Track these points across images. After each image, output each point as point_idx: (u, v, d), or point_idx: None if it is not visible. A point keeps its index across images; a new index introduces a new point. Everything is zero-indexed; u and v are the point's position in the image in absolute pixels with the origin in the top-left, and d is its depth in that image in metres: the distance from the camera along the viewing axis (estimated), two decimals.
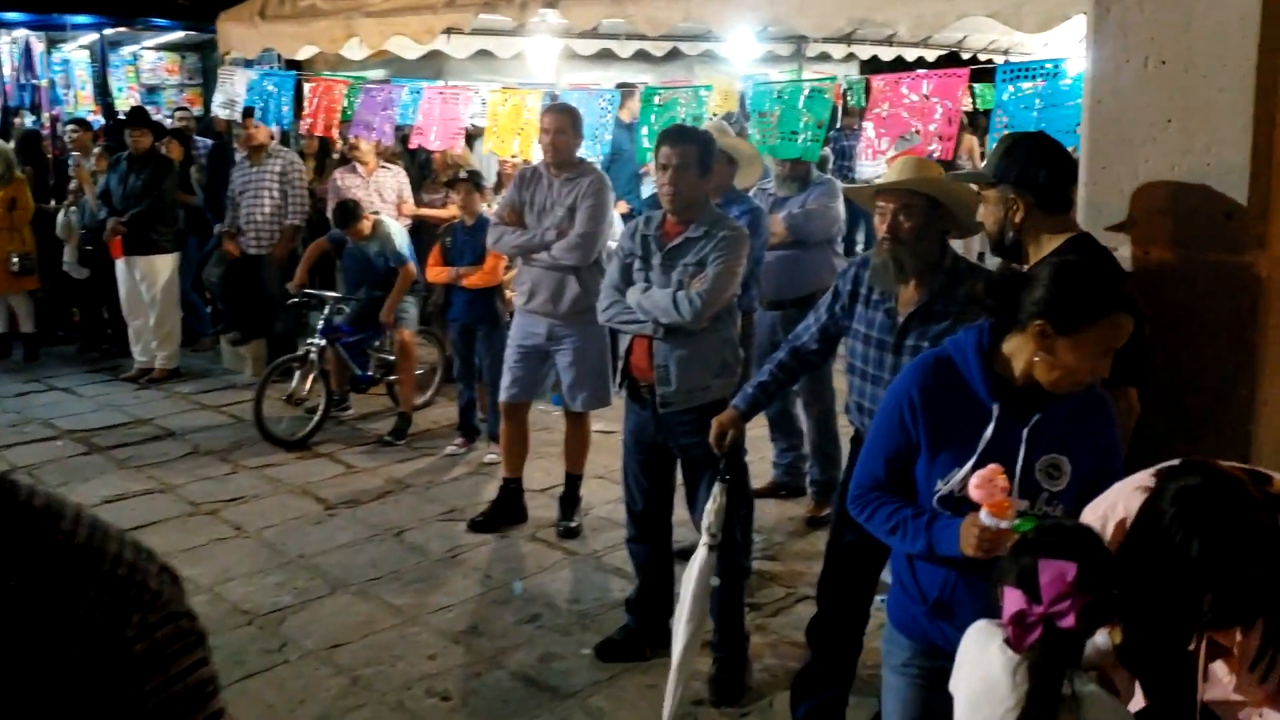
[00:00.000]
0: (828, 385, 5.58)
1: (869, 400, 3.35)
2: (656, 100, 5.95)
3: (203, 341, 9.57)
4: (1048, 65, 4.25)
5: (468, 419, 6.79)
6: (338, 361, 7.28)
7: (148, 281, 8.28)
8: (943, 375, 2.40)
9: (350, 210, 6.90)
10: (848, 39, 11.71)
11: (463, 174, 6.42)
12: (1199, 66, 2.74)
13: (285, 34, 7.59)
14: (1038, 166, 2.83)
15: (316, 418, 6.99)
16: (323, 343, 6.98)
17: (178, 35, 12.40)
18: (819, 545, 4.41)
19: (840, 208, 5.57)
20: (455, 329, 6.63)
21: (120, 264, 8.33)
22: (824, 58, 11.77)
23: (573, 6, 5.75)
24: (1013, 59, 13.42)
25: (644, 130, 5.99)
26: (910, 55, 12.21)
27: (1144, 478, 1.97)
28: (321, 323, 7.04)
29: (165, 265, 8.34)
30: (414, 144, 7.34)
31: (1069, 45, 10.01)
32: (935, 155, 4.54)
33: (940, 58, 12.84)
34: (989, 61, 13.70)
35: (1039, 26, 4.09)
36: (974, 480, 2.20)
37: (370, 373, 7.39)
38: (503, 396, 5.47)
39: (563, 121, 5.22)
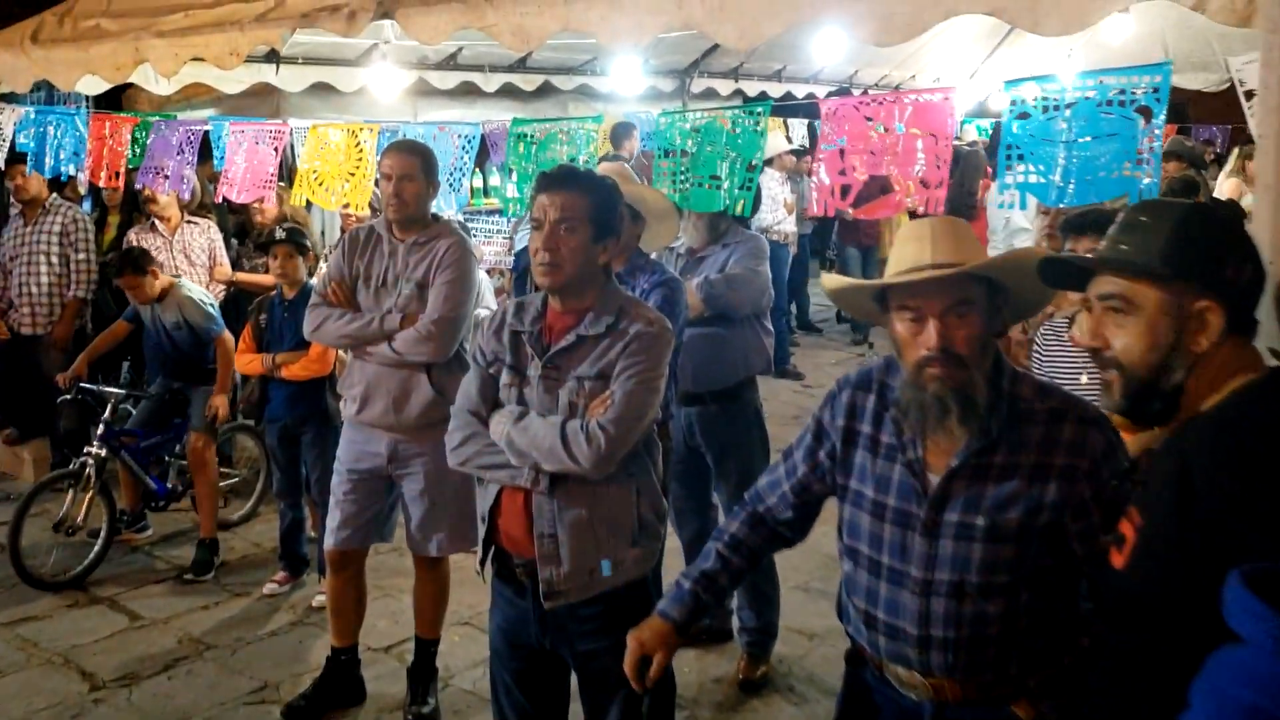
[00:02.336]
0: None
1: (884, 610, 2.06)
2: (530, 133, 4.57)
3: None
4: (1088, 82, 3.05)
5: (291, 546, 5.30)
6: (127, 474, 5.71)
7: None
8: None
9: (134, 259, 5.36)
10: (734, 73, 10.75)
11: (279, 233, 4.96)
12: None
13: (61, 61, 6.02)
14: (1237, 258, 1.59)
15: (96, 548, 5.41)
16: (103, 452, 5.41)
17: None
18: None
19: (768, 271, 4.32)
20: (274, 432, 5.15)
21: None
22: (710, 94, 10.71)
23: (414, 17, 4.38)
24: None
25: (512, 176, 4.62)
26: (800, 91, 11.33)
27: None
28: (101, 426, 5.47)
29: None
30: (218, 196, 5.84)
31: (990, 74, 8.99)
32: (918, 210, 3.31)
33: (829, 94, 12.00)
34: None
35: (1063, 28, 2.91)
36: None
37: (169, 484, 5.82)
38: (329, 542, 4.02)
39: (409, 165, 3.86)
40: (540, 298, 2.76)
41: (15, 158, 6.40)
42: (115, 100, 8.59)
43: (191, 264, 6.46)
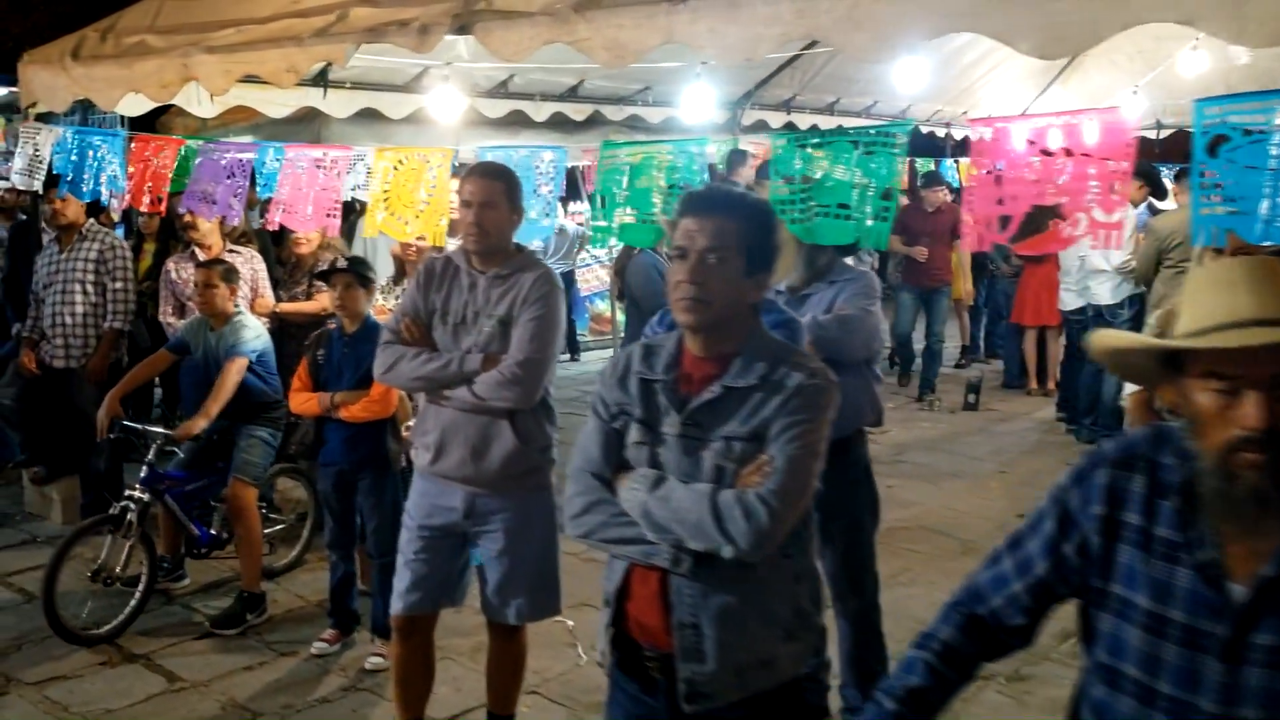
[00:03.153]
0: (869, 551, 3.90)
1: None
2: (621, 159, 4.15)
3: (3, 472, 7.46)
4: None
5: (342, 602, 4.88)
6: (168, 519, 5.33)
7: None
8: None
9: (227, 272, 5.12)
10: (787, 105, 10.42)
11: (340, 262, 4.59)
12: None
13: (103, 79, 5.72)
14: None
15: (134, 600, 5.02)
16: (145, 495, 5.03)
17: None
18: None
19: (880, 311, 3.91)
20: (328, 477, 4.74)
21: None
22: (760, 126, 10.38)
23: (494, 32, 4.04)
24: (957, 132, 12.34)
25: (599, 201, 4.21)
26: (851, 126, 10.99)
27: None
28: (145, 468, 5.09)
29: None
30: (273, 224, 5.47)
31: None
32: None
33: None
34: (930, 135, 12.57)
35: (1271, 39, 2.52)
36: None
37: (214, 531, 5.43)
38: (397, 606, 3.61)
39: (491, 190, 3.48)
40: (674, 340, 2.36)
41: (52, 181, 6.06)
42: (148, 125, 8.29)
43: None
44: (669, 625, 2.22)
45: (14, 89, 9.72)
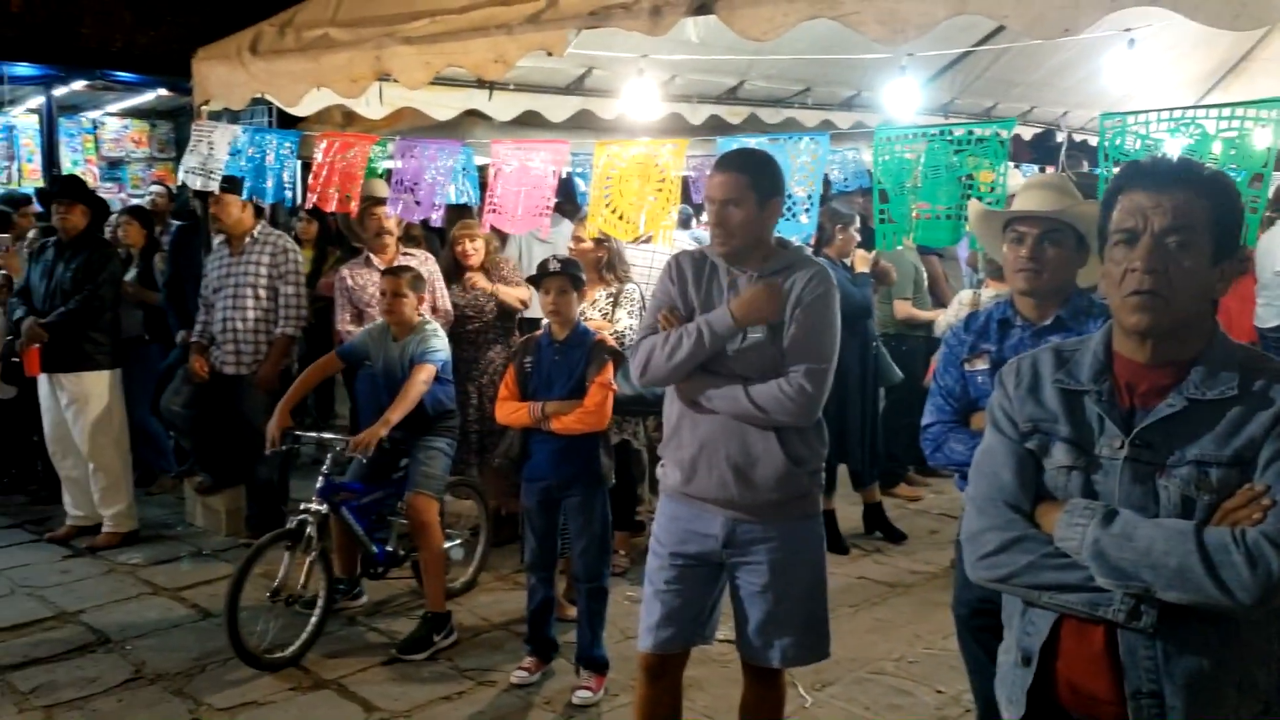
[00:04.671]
0: None
1: None
2: (904, 148, 3.73)
3: (162, 482, 7.33)
4: None
5: (541, 629, 4.53)
6: (343, 534, 5.06)
7: (76, 406, 6.03)
8: None
9: (413, 279, 4.90)
10: (945, 109, 9.93)
11: (553, 264, 4.26)
12: None
13: (286, 74, 5.50)
14: None
15: (314, 620, 4.74)
16: (323, 508, 4.75)
17: (147, 98, 10.30)
18: None
19: None
20: (533, 493, 4.40)
21: (42, 382, 6.11)
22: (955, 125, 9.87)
23: (740, 9, 3.67)
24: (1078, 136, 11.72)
25: (881, 197, 3.78)
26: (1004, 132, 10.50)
27: None
28: (321, 479, 4.82)
29: (99, 386, 6.06)
30: (485, 225, 5.18)
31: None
32: None
33: (1036, 136, 11.16)
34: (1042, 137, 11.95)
35: None
36: None
37: (391, 548, 5.13)
38: (646, 643, 3.24)
39: (734, 186, 3.06)
40: (1097, 343, 1.95)
41: (227, 183, 5.86)
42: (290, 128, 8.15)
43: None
44: (1118, 693, 1.80)
45: (164, 92, 9.79)
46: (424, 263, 5.95)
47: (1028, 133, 10.84)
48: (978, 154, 3.53)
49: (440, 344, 4.94)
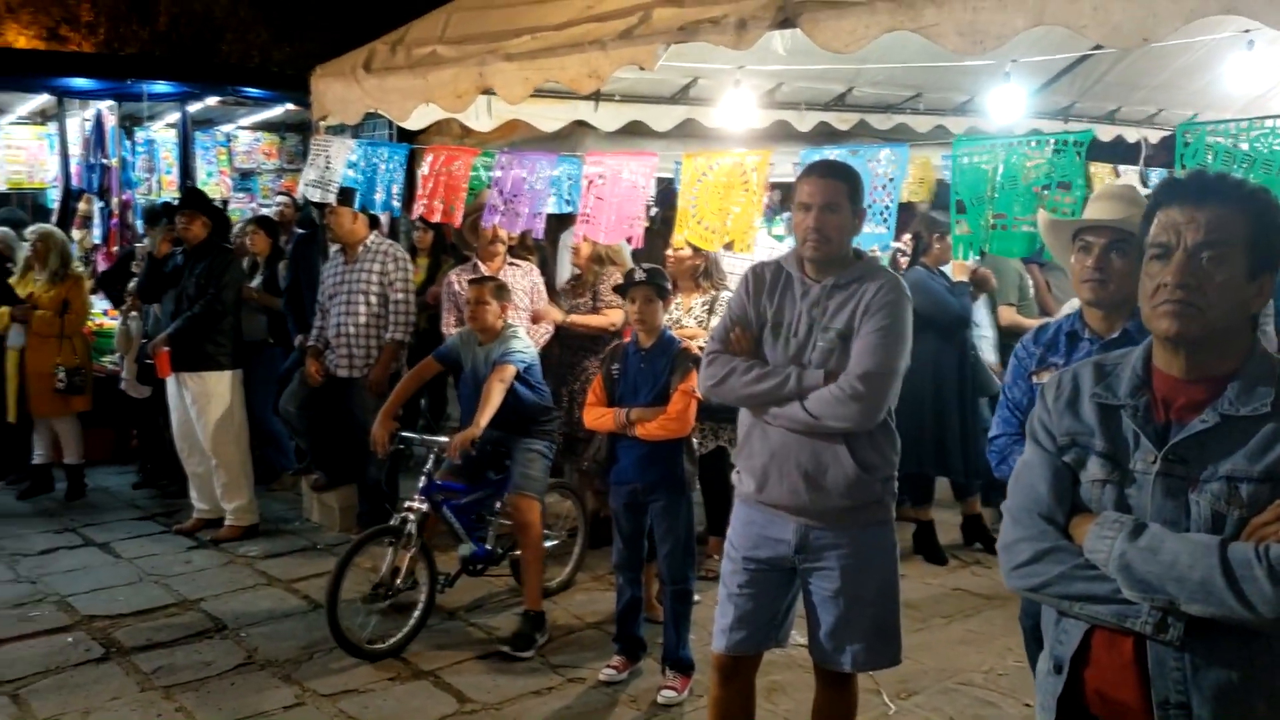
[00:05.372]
0: None
1: None
2: (967, 161, 3.75)
3: (283, 479, 7.68)
4: None
5: (629, 628, 4.65)
6: (443, 532, 5.25)
7: (199, 405, 6.40)
8: None
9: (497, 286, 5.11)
10: (1065, 113, 9.72)
11: (638, 274, 4.38)
12: None
13: (396, 90, 5.75)
14: None
15: (416, 615, 4.95)
16: (424, 506, 4.95)
17: (276, 112, 10.80)
18: None
19: None
20: (620, 496, 4.53)
21: (170, 383, 6.50)
22: (1034, 135, 9.65)
23: (823, 22, 3.73)
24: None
25: (957, 207, 3.80)
26: (1131, 135, 10.21)
27: None
28: (423, 478, 5.02)
29: (220, 386, 6.44)
30: (578, 235, 5.35)
31: None
32: None
33: (1164, 139, 10.83)
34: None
35: None
36: None
37: (490, 546, 5.31)
38: (719, 644, 3.33)
39: (833, 191, 3.17)
40: (1138, 358, 1.98)
41: (342, 194, 6.14)
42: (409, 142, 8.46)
43: (514, 308, 6.02)
44: (1146, 703, 1.82)
45: (290, 107, 10.25)
46: (528, 273, 6.14)
47: (1155, 135, 10.51)
48: (1055, 164, 3.51)
49: (520, 346, 5.10)
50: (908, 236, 6.64)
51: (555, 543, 5.64)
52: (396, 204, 5.97)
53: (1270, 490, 1.79)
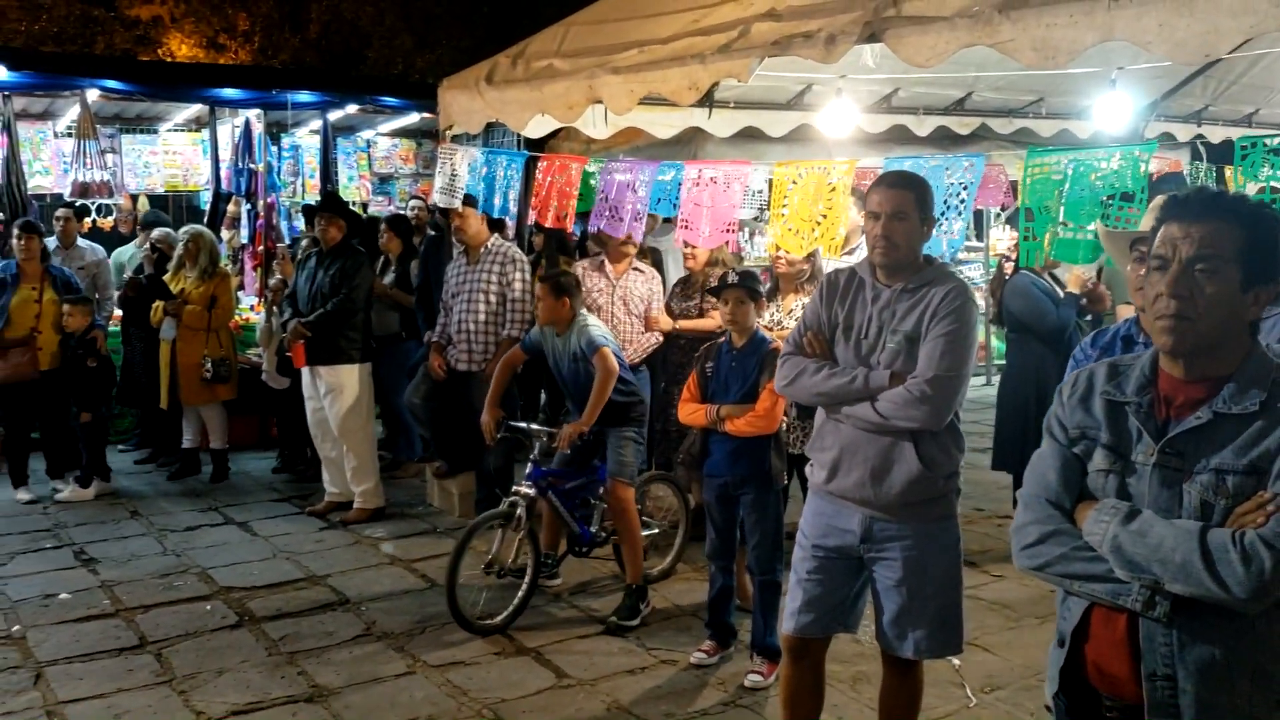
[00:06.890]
0: None
1: None
2: (1037, 171, 3.86)
3: (408, 467, 8.14)
4: None
5: (720, 615, 4.88)
6: (551, 516, 5.57)
7: (332, 395, 6.90)
8: None
9: (559, 282, 5.33)
10: (1198, 117, 9.51)
11: (731, 277, 4.60)
12: None
13: (514, 101, 6.09)
14: None
15: (521, 593, 5.27)
16: (532, 492, 5.27)
17: (413, 119, 11.34)
18: None
19: None
20: (712, 488, 4.76)
21: (305, 374, 7.02)
22: (1165, 139, 9.50)
23: (907, 38, 3.89)
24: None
25: (1027, 215, 3.92)
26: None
27: None
28: (530, 465, 5.34)
29: (351, 378, 6.91)
30: (677, 240, 5.61)
31: None
32: None
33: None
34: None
35: None
36: None
37: (593, 529, 5.61)
38: (788, 626, 3.53)
39: (902, 200, 3.34)
40: (1147, 359, 2.12)
41: (466, 200, 6.52)
42: (541, 148, 8.81)
43: (629, 313, 6.31)
44: (1136, 674, 1.98)
45: (425, 114, 10.77)
46: (649, 280, 6.44)
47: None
48: (1120, 175, 3.59)
49: (599, 330, 5.36)
50: (1014, 241, 6.67)
51: (655, 532, 5.89)
52: (514, 209, 6.31)
53: (1255, 482, 1.92)
